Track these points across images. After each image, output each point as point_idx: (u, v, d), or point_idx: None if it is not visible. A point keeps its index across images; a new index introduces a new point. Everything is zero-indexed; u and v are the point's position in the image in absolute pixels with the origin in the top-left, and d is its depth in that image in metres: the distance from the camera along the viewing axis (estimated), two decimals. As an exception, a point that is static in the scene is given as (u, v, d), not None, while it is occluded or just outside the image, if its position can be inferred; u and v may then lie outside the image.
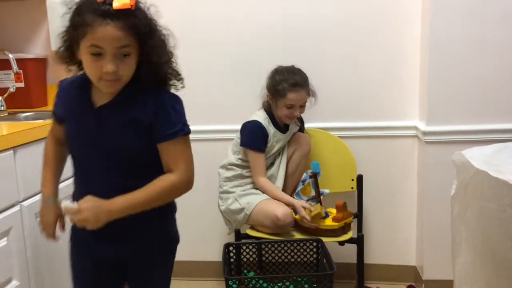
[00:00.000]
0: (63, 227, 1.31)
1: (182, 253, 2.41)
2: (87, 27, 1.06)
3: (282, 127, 2.05)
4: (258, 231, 1.98)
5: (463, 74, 1.98)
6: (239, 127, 2.07)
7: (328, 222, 1.92)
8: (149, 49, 1.13)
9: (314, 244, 1.90)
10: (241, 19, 2.20)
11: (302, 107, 2.00)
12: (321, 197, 1.95)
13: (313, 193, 1.94)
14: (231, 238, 2.06)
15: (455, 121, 2.01)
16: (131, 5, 1.07)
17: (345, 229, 1.93)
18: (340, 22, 2.15)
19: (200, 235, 2.39)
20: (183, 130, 1.22)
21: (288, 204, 1.92)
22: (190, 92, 2.21)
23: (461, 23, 1.94)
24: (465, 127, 2.00)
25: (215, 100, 2.28)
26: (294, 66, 2.01)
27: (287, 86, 1.94)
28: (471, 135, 1.99)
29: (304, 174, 2.00)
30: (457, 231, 1.57)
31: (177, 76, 1.25)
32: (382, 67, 2.16)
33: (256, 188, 2.02)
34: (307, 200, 1.94)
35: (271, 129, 2.02)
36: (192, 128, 2.34)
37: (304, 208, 1.89)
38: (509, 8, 1.92)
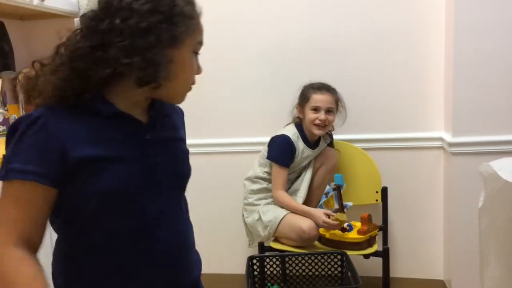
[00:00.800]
0: None
1: (205, 266, 2.44)
2: (192, 21, 0.88)
3: (312, 143, 2.04)
4: (282, 243, 1.98)
5: (489, 84, 1.95)
6: (265, 139, 2.08)
7: (353, 235, 1.90)
8: None
9: (339, 257, 1.88)
10: (272, 35, 2.23)
11: (329, 112, 1.98)
12: (345, 209, 1.94)
13: (336, 206, 1.93)
14: (255, 250, 2.06)
15: (482, 131, 1.98)
16: None
17: (370, 242, 1.91)
18: (365, 37, 2.16)
19: (223, 247, 2.40)
20: None
21: (306, 214, 1.91)
22: (220, 105, 2.30)
23: (485, 33, 1.92)
24: (492, 138, 1.96)
25: (243, 112, 2.30)
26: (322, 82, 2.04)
27: (312, 89, 1.99)
28: (498, 146, 1.95)
29: (328, 187, 1.99)
30: (486, 245, 1.53)
31: None
32: (406, 78, 2.15)
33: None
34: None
35: (300, 145, 2.01)
36: (218, 140, 2.38)
37: (325, 214, 1.88)
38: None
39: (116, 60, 0.81)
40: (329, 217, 1.87)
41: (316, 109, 1.96)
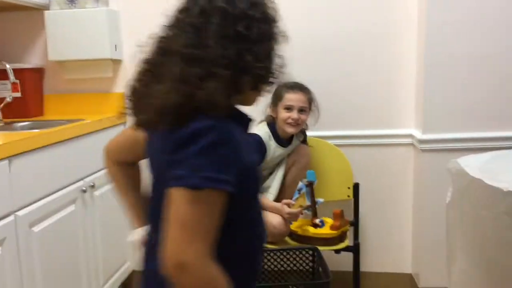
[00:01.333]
0: None
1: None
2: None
3: (285, 142, 2.03)
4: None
5: (458, 84, 2.00)
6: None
7: (325, 231, 1.92)
8: None
9: (310, 252, 1.90)
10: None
11: (302, 111, 1.97)
12: (317, 206, 1.95)
13: (308, 202, 1.94)
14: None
15: (451, 129, 2.02)
16: None
17: (342, 237, 1.94)
18: (339, 36, 2.17)
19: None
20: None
21: (273, 210, 1.92)
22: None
23: (456, 34, 1.96)
24: (461, 135, 2.01)
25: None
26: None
27: (285, 88, 1.97)
28: (467, 143, 1.99)
29: (300, 183, 2.00)
30: (453, 239, 1.58)
31: None
32: (378, 77, 2.18)
33: None
34: (303, 209, 1.94)
35: (272, 144, 2.00)
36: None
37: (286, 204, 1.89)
38: (497, 22, 1.95)
39: (253, 66, 0.84)
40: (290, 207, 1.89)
41: (289, 108, 1.96)
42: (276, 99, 1.99)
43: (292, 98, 1.96)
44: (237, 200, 0.84)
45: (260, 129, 2.01)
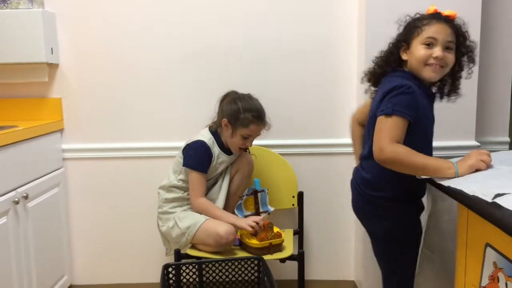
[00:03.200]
0: None
1: (119, 276, 2.35)
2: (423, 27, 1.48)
3: (227, 149, 2.02)
4: (199, 250, 1.94)
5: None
6: (179, 144, 2.03)
7: (254, 241, 1.91)
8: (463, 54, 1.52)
9: (256, 262, 1.89)
10: (187, 39, 2.19)
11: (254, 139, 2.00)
12: (266, 214, 1.95)
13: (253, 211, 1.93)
14: (171, 259, 2.00)
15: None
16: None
17: (270, 249, 1.90)
18: (283, 46, 2.19)
19: (137, 256, 2.31)
20: None
21: (231, 223, 1.90)
22: (131, 109, 2.21)
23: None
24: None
25: (157, 116, 2.24)
26: (250, 94, 1.98)
27: (252, 118, 1.91)
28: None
29: (246, 190, 1.99)
30: (421, 247, 1.61)
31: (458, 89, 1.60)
32: (321, 86, 2.22)
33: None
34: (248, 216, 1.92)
35: (216, 150, 1.98)
36: (131, 145, 2.30)
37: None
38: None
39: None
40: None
41: (247, 138, 1.96)
42: (239, 123, 1.92)
43: (256, 130, 1.95)
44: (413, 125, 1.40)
45: (203, 135, 1.99)
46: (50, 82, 2.22)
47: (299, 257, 1.96)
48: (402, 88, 1.41)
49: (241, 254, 1.93)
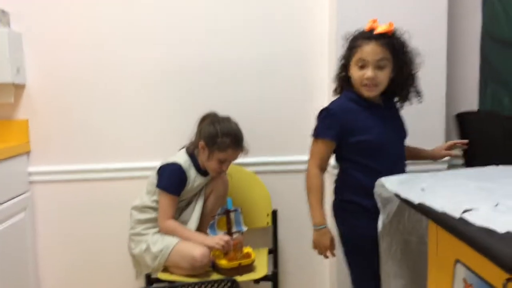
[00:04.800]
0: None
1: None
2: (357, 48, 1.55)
3: (204, 170, 1.98)
4: (171, 273, 1.89)
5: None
6: (154, 164, 1.99)
7: (224, 261, 1.87)
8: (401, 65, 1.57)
9: (229, 284, 1.85)
10: (160, 57, 2.17)
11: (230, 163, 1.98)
12: (239, 234, 1.92)
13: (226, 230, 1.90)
14: (141, 282, 1.95)
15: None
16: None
17: (240, 270, 1.86)
18: (257, 63, 2.19)
19: (107, 281, 2.25)
20: None
21: (202, 244, 1.86)
22: (105, 128, 2.17)
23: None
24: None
25: (130, 136, 2.20)
26: (230, 118, 1.96)
27: (230, 143, 1.89)
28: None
29: (219, 210, 1.97)
30: (385, 267, 1.58)
31: (418, 93, 1.66)
32: (294, 104, 2.22)
33: None
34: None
35: (192, 173, 1.95)
36: (101, 166, 2.25)
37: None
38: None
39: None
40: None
41: (223, 162, 1.93)
42: (216, 147, 1.90)
43: (233, 155, 1.93)
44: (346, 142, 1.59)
45: (180, 157, 1.96)
46: (16, 103, 2.16)
47: (273, 277, 1.93)
48: (323, 112, 1.62)
49: (214, 275, 1.89)
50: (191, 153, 1.97)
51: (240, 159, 2.16)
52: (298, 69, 2.20)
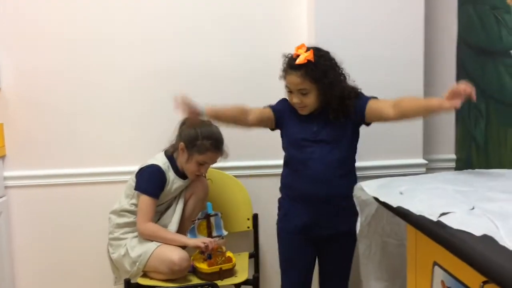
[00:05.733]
0: None
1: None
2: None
3: (182, 173, 1.97)
4: (151, 278, 1.87)
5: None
6: (132, 168, 1.97)
7: (204, 266, 1.86)
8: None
9: (209, 288, 1.84)
10: (137, 60, 2.15)
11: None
12: (220, 238, 1.91)
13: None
14: (121, 288, 1.92)
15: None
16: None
17: (220, 274, 1.85)
18: (236, 66, 2.19)
19: (84, 286, 2.21)
20: None
21: (183, 244, 1.86)
22: (83, 132, 2.13)
23: (344, 66, 2.06)
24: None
25: (108, 140, 2.17)
26: (211, 121, 1.92)
27: (209, 146, 1.89)
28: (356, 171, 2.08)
29: (199, 214, 1.96)
30: (365, 270, 1.60)
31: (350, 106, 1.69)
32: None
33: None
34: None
35: (170, 175, 1.94)
36: (78, 170, 2.21)
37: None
38: (385, 55, 2.06)
39: None
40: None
41: (202, 164, 1.93)
42: (195, 149, 1.90)
43: (212, 158, 1.93)
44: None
45: (158, 159, 1.95)
46: (-10, 107, 2.12)
47: (254, 281, 1.93)
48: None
49: (194, 280, 1.88)
50: (170, 155, 1.96)
51: (221, 163, 2.16)
52: (277, 73, 2.20)
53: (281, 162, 2.20)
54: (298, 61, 1.62)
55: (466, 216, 1.06)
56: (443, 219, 1.07)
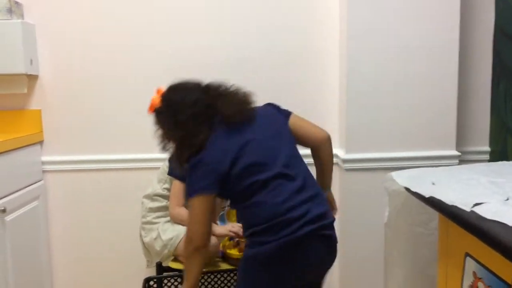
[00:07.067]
0: None
1: (100, 289, 2.31)
2: None
3: None
4: (181, 262, 1.91)
5: (378, 107, 2.07)
6: (164, 155, 2.01)
7: (235, 251, 1.90)
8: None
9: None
10: (170, 50, 2.19)
11: None
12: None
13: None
14: (152, 271, 1.97)
15: (371, 149, 2.08)
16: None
17: None
18: (264, 59, 2.20)
19: (119, 270, 2.28)
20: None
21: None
22: (118, 120, 2.19)
23: (376, 57, 2.04)
24: (381, 155, 2.08)
25: (139, 127, 2.21)
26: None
27: None
28: (387, 162, 2.07)
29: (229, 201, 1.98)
30: (390, 256, 1.61)
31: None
32: (303, 100, 2.22)
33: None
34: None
35: None
36: (112, 156, 2.26)
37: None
38: (418, 48, 2.03)
39: None
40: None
41: None
42: None
43: None
44: None
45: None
46: (29, 94, 2.19)
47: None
48: None
49: (224, 265, 1.91)
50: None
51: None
52: (309, 69, 2.22)
53: (304, 152, 2.24)
54: (149, 112, 1.62)
55: (500, 206, 1.05)
56: (477, 210, 1.06)
